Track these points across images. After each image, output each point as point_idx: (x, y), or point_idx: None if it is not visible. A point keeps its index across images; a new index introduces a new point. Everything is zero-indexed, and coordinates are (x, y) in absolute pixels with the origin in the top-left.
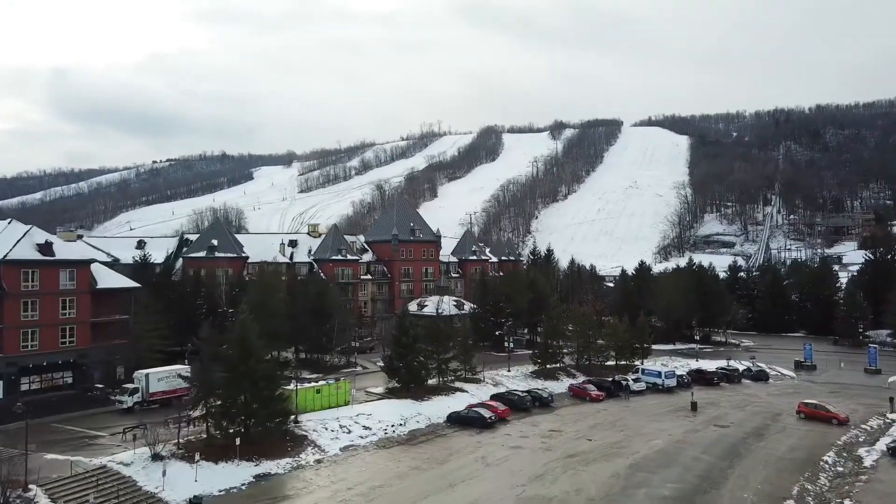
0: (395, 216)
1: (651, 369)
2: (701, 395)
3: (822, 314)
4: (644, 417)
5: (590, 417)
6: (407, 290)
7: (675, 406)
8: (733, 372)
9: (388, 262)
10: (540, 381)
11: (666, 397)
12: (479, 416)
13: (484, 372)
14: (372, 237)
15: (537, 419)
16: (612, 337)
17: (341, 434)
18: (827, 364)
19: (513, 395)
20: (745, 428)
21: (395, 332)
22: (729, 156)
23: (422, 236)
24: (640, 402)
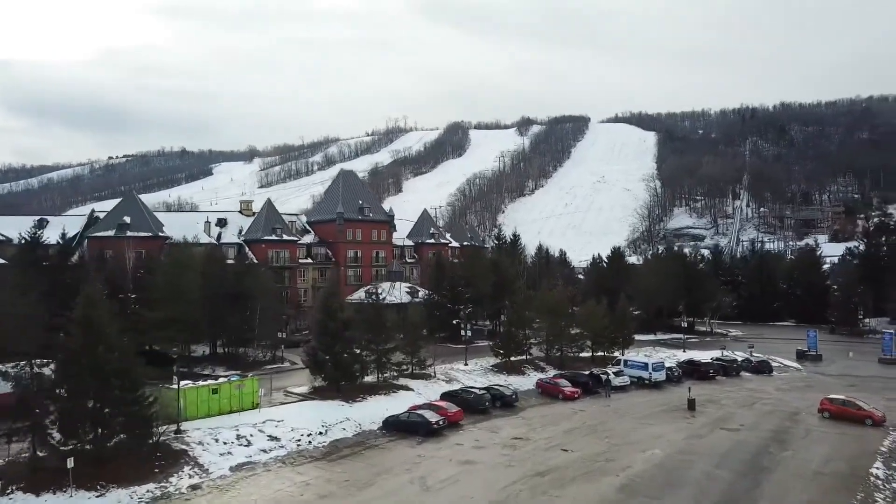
0: (340, 192)
1: (635, 361)
2: (696, 390)
3: (815, 301)
4: (632, 420)
5: (564, 420)
6: (354, 276)
7: (668, 405)
8: (731, 363)
9: (333, 245)
10: (503, 375)
11: (655, 394)
12: (423, 420)
13: (436, 366)
14: (315, 217)
15: (498, 423)
16: (587, 324)
17: (237, 447)
18: (833, 354)
19: (468, 393)
20: (761, 432)
21: (319, 316)
22: (697, 151)
23: (372, 216)
24: (624, 399)
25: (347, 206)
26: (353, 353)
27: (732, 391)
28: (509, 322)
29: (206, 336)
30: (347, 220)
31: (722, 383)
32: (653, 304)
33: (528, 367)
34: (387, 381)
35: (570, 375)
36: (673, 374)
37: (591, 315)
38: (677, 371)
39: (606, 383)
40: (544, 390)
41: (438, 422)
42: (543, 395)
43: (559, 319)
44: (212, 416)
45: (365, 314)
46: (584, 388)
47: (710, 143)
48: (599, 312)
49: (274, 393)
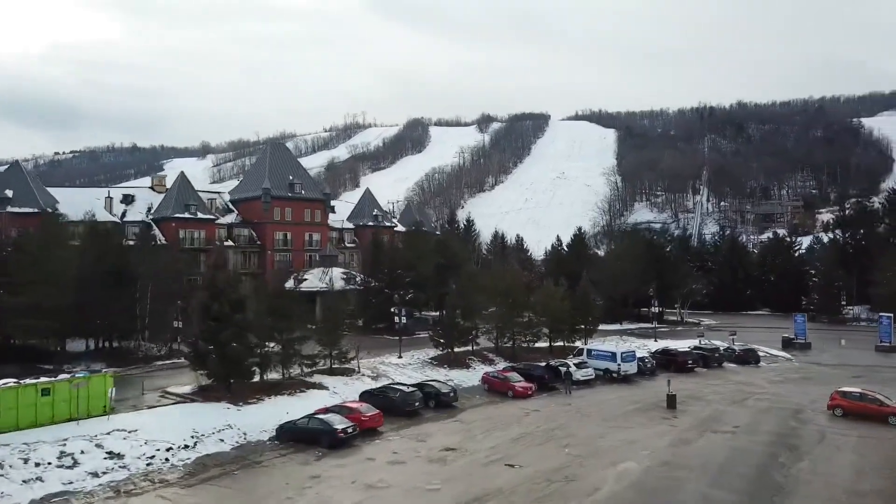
0: (267, 166)
1: (601, 350)
2: (676, 384)
3: (791, 288)
4: (598, 422)
5: (513, 424)
6: (283, 260)
7: (643, 402)
8: (713, 353)
9: (259, 226)
10: (443, 370)
11: (626, 389)
12: (326, 427)
13: (363, 360)
14: (239, 194)
15: (429, 428)
16: (545, 309)
17: (54, 470)
18: (821, 342)
19: (392, 391)
20: (763, 435)
21: (203, 295)
22: (656, 147)
23: (304, 193)
24: (588, 396)
25: (275, 181)
26: (246, 342)
27: (718, 385)
28: (451, 306)
29: (83, 326)
30: (275, 197)
31: (703, 376)
32: (618, 291)
33: (473, 360)
34: (297, 379)
35: (523, 368)
36: (645, 365)
37: (548, 298)
38: (650, 362)
39: (566, 377)
40: (491, 386)
41: (347, 429)
42: (490, 392)
43: (511, 302)
44: (40, 425)
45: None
46: (540, 382)
47: (670, 140)
48: (558, 295)
49: (149, 394)
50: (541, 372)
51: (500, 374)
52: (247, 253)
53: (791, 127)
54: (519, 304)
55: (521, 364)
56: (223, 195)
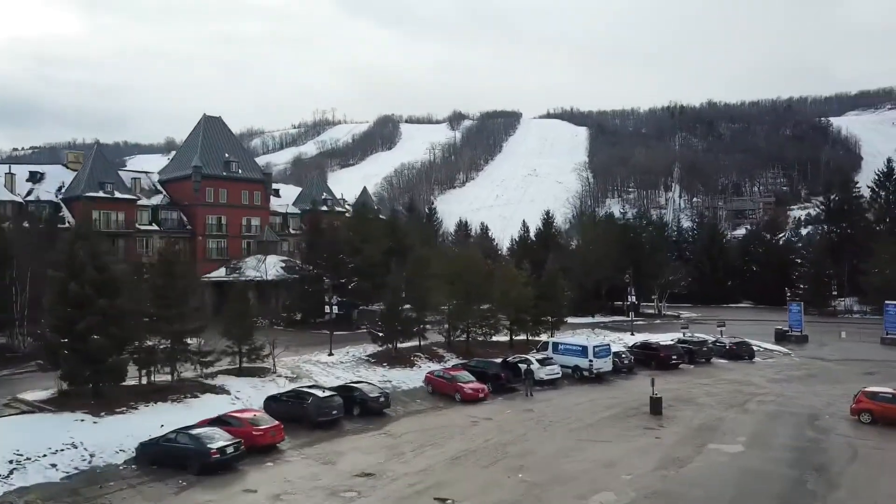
0: (200, 142)
1: (570, 344)
2: (660, 384)
3: (776, 280)
4: (565, 433)
5: (455, 437)
6: (217, 248)
7: (621, 406)
8: (700, 347)
9: (188, 209)
10: (381, 368)
11: (600, 390)
12: (197, 447)
13: (285, 358)
14: (168, 174)
15: (345, 444)
16: (505, 294)
17: None
18: (817, 335)
19: (304, 396)
20: (775, 450)
21: (58, 275)
22: (628, 144)
23: (241, 173)
24: (554, 400)
25: (208, 159)
26: (116, 334)
27: (709, 384)
28: (394, 293)
29: None
30: (207, 177)
31: (691, 373)
32: (590, 280)
33: (420, 357)
34: (193, 381)
35: (476, 366)
36: (622, 361)
37: (508, 283)
38: (628, 358)
39: (527, 376)
40: (435, 388)
41: (226, 448)
42: (434, 395)
43: (466, 289)
44: None
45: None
46: (495, 383)
47: (641, 138)
48: (520, 279)
49: None
50: (496, 370)
51: (447, 372)
52: (174, 238)
53: (761, 126)
54: (475, 290)
55: (474, 361)
56: (151, 175)
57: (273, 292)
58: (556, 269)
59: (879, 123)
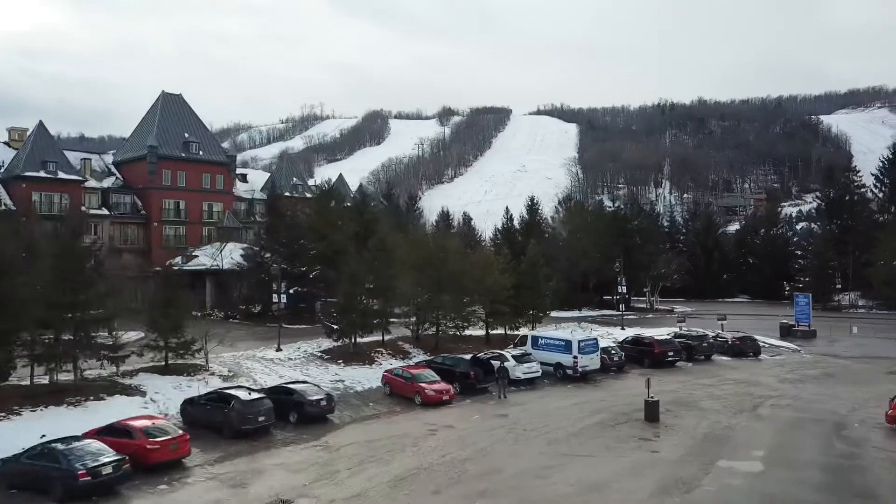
0: (157, 120)
1: (552, 338)
2: (654, 385)
3: (776, 273)
4: (542, 446)
5: (406, 451)
6: (174, 235)
7: (610, 411)
8: (700, 342)
9: (144, 192)
10: (335, 366)
11: (586, 392)
12: (63, 468)
13: (226, 354)
14: (123, 155)
15: (269, 459)
16: (479, 282)
17: None
18: (828, 330)
19: (225, 399)
20: (803, 469)
21: None
22: (618, 140)
23: (202, 154)
24: (531, 403)
25: (166, 139)
26: None
27: (712, 385)
28: (351, 281)
29: None
30: (164, 158)
31: (689, 372)
32: (578, 271)
33: (382, 354)
34: (105, 380)
35: (441, 362)
36: (612, 358)
37: (483, 268)
38: (618, 354)
39: (500, 374)
40: (394, 388)
41: (101, 468)
42: (393, 396)
43: (436, 276)
44: None
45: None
46: (464, 382)
47: (631, 134)
48: (497, 264)
49: None
50: (465, 368)
51: (407, 371)
52: (128, 225)
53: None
54: (446, 278)
55: (440, 357)
56: (104, 157)
57: (231, 283)
58: (538, 253)
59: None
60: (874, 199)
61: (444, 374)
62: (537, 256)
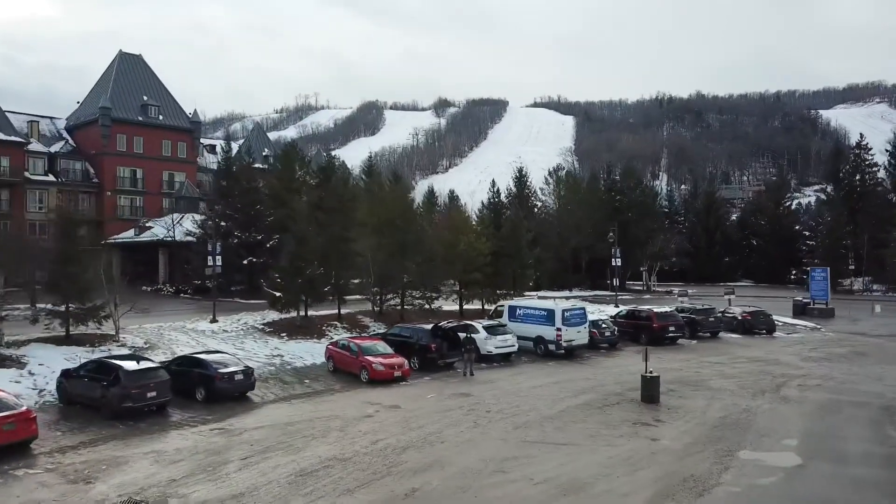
0: (112, 81)
1: (533, 308)
2: (654, 363)
3: (782, 256)
4: (508, 431)
5: (326, 437)
6: (130, 206)
7: (598, 390)
8: (705, 316)
9: (96, 159)
10: (278, 339)
11: (570, 369)
12: None
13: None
14: (76, 119)
15: (139, 447)
16: (452, 248)
17: None
18: (846, 309)
19: (107, 370)
20: (854, 463)
21: None
22: (615, 131)
23: (163, 119)
24: (502, 381)
25: (122, 102)
26: None
27: (722, 363)
28: (298, 243)
29: None
30: (119, 121)
31: (694, 350)
32: (568, 248)
33: (336, 327)
34: None
35: (398, 333)
36: (602, 334)
37: (456, 231)
38: (610, 329)
39: (467, 348)
40: (337, 363)
41: None
42: (337, 372)
43: (400, 239)
44: None
45: None
46: (424, 357)
47: (629, 126)
48: (472, 228)
49: None
50: (426, 339)
51: (353, 342)
52: (75, 193)
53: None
54: (411, 242)
55: (396, 328)
56: (57, 120)
57: (187, 255)
58: (520, 217)
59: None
60: (886, 179)
61: (402, 348)
62: (520, 220)
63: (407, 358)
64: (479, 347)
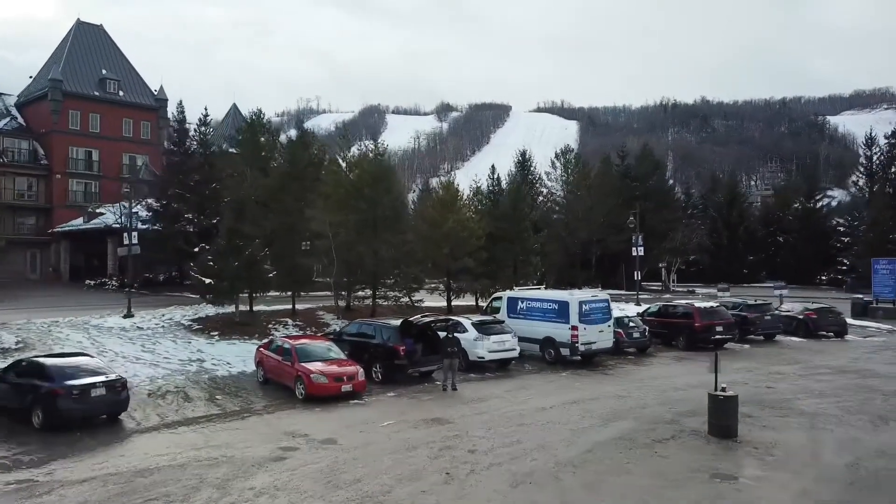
0: (66, 52)
1: (541, 300)
2: (702, 373)
3: (814, 254)
4: (503, 488)
5: (201, 502)
6: (84, 191)
7: (636, 416)
8: (760, 314)
9: (45, 138)
10: (205, 339)
11: (590, 382)
12: None
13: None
14: (29, 94)
15: None
16: (437, 227)
17: None
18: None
19: None
20: None
21: None
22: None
23: (124, 96)
24: (497, 399)
25: (78, 75)
26: None
27: (799, 374)
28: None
29: None
30: (73, 96)
31: (749, 356)
32: (577, 242)
33: (288, 325)
34: None
35: (356, 332)
36: (629, 335)
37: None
38: (639, 329)
39: (449, 351)
40: (268, 372)
41: None
42: (270, 384)
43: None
44: None
45: None
46: (389, 364)
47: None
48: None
49: None
50: (394, 340)
51: (291, 343)
52: (20, 175)
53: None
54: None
55: (356, 325)
56: (7, 97)
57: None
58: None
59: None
60: None
61: (361, 352)
62: (522, 194)
63: (368, 365)
64: (466, 351)
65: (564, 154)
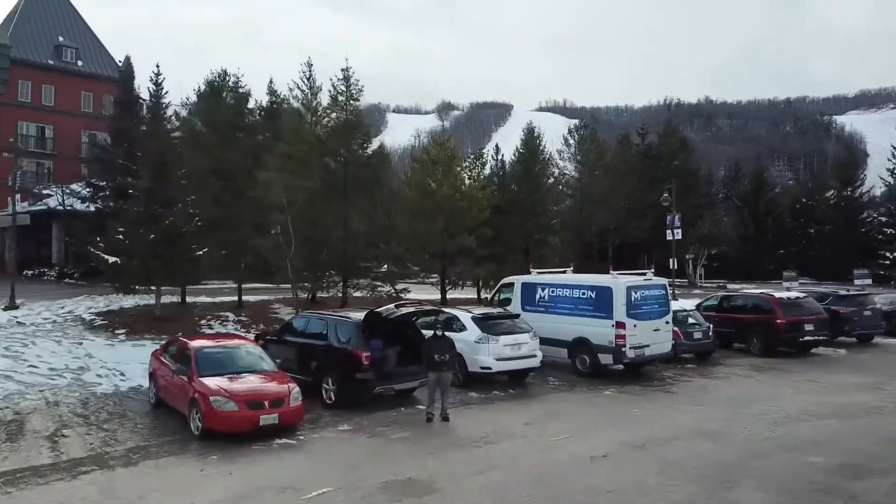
0: (18, 15)
1: (569, 287)
2: (799, 388)
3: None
4: None
5: None
6: (37, 171)
7: (761, 480)
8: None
9: None
10: (103, 339)
11: (649, 407)
12: None
13: None
14: None
15: None
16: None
17: None
18: None
19: None
20: None
21: None
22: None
23: (83, 66)
24: (518, 439)
25: (28, 40)
26: None
27: None
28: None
29: None
30: (23, 63)
31: (858, 366)
32: (593, 229)
33: (228, 322)
34: None
35: (301, 329)
36: (690, 335)
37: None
38: (702, 328)
39: (437, 357)
40: (161, 390)
41: None
42: (162, 407)
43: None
44: None
45: None
46: (345, 378)
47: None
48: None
49: None
50: (353, 342)
51: (191, 347)
52: None
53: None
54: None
55: (303, 319)
56: None
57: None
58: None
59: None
60: None
61: (306, 359)
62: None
63: (317, 379)
64: (464, 358)
65: (578, 129)
